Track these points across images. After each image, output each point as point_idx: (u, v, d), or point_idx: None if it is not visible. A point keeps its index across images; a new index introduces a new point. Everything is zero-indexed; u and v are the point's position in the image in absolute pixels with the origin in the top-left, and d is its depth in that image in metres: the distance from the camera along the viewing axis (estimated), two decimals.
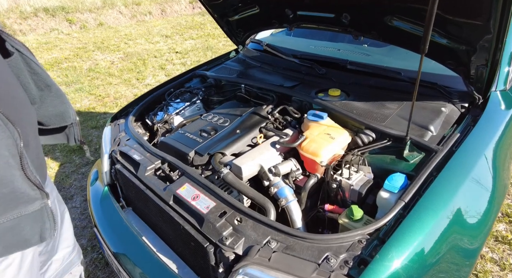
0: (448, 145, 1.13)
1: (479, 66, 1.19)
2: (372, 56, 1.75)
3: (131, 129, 1.57)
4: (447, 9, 1.06)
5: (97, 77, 4.57)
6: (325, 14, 1.55)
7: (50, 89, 0.84)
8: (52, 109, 0.85)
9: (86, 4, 9.77)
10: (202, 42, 6.14)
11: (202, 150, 1.33)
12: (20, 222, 0.69)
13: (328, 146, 1.20)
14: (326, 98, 1.51)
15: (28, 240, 0.73)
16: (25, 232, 0.71)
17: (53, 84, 0.85)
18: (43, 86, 0.82)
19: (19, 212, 0.69)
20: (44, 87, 0.83)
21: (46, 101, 0.84)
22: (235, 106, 1.68)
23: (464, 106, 1.35)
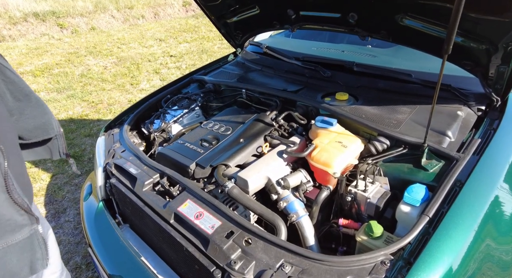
0: (470, 151, 1.05)
1: (499, 67, 1.12)
2: (379, 57, 1.67)
3: (126, 140, 1.47)
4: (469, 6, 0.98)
5: (89, 83, 4.45)
6: (330, 14, 1.46)
7: (29, 99, 0.74)
8: (33, 121, 0.76)
9: (77, 8, 9.63)
10: (197, 45, 6.05)
11: (204, 161, 1.24)
12: (7, 254, 0.60)
13: (340, 155, 1.11)
14: (334, 103, 1.43)
15: (17, 273, 0.63)
16: (13, 265, 0.61)
17: (31, 93, 0.75)
18: (21, 96, 0.73)
19: (4, 242, 0.59)
20: (22, 97, 0.73)
21: (25, 113, 0.74)
22: (237, 113, 1.59)
23: (481, 109, 1.28)
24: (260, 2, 1.69)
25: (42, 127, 0.79)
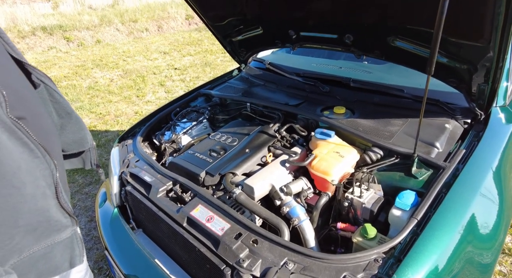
0: (455, 161, 1.16)
1: (480, 84, 1.24)
2: (374, 73, 1.80)
3: (140, 150, 1.58)
4: (450, 32, 1.11)
5: (97, 95, 4.60)
6: (328, 35, 1.60)
7: (70, 116, 0.86)
8: (72, 136, 0.87)
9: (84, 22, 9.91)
10: (200, 58, 6.23)
11: (213, 170, 1.35)
12: (53, 250, 0.70)
13: (338, 164, 1.22)
14: (332, 116, 1.54)
15: (59, 267, 0.73)
16: (57, 259, 0.72)
17: (72, 112, 0.87)
18: (64, 114, 0.85)
19: (52, 240, 0.69)
20: (65, 115, 0.85)
21: (66, 129, 0.86)
22: (242, 125, 1.71)
23: (467, 122, 1.39)
24: (264, 23, 1.83)
25: (79, 141, 0.90)
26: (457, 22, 1.06)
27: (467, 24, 1.06)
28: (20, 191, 0.60)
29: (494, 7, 0.92)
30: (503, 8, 0.90)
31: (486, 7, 0.94)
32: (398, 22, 1.27)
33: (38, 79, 0.76)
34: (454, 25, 1.09)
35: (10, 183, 0.58)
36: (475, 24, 1.02)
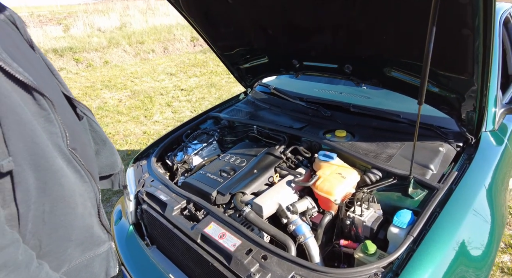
0: (448, 182, 1.26)
1: (468, 112, 1.36)
2: (372, 99, 1.93)
3: (154, 170, 1.70)
4: (438, 65, 1.25)
5: (106, 115, 4.76)
6: (329, 64, 1.74)
7: (105, 143, 0.98)
8: (105, 160, 0.99)
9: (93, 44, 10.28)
10: (205, 80, 6.45)
11: (224, 189, 1.45)
12: (93, 261, 0.80)
13: (340, 185, 1.32)
14: (334, 139, 1.66)
15: (97, 276, 0.83)
16: (96, 270, 0.81)
17: (107, 139, 0.99)
18: (99, 141, 0.96)
19: (93, 253, 0.79)
20: (100, 142, 0.97)
21: (101, 154, 0.97)
22: (249, 147, 1.82)
23: (459, 145, 1.50)
24: (269, 53, 1.99)
25: (110, 165, 1.01)
26: (444, 57, 1.20)
27: (452, 59, 1.19)
28: (74, 211, 0.71)
29: (473, 47, 1.05)
30: (481, 48, 1.03)
31: (467, 46, 1.07)
32: (392, 56, 1.41)
33: (82, 112, 0.88)
34: (442, 60, 1.22)
35: (68, 204, 0.69)
36: (459, 60, 1.15)
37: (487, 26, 0.95)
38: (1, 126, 0.56)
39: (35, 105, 0.64)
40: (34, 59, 0.78)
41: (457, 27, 1.03)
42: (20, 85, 0.61)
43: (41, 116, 0.65)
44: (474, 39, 1.02)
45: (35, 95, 0.64)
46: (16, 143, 0.58)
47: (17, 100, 0.59)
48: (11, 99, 0.58)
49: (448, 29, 1.05)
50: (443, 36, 1.07)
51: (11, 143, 0.57)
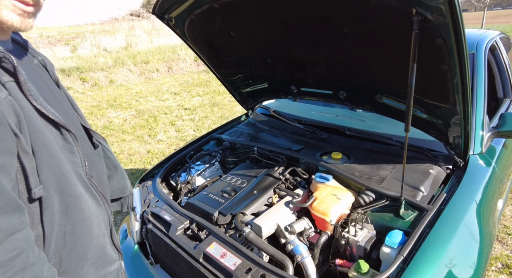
0: (437, 203, 1.33)
1: (455, 137, 1.45)
2: (366, 122, 2.02)
3: (159, 191, 1.78)
4: (423, 95, 1.35)
5: (111, 134, 4.89)
6: (324, 91, 1.86)
7: (117, 169, 1.07)
8: (116, 185, 1.08)
9: (99, 64, 10.59)
10: (208, 99, 6.62)
11: (225, 210, 1.52)
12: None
13: (335, 206, 1.40)
14: (330, 161, 1.75)
15: None
16: None
17: (119, 165, 1.08)
18: (112, 167, 1.06)
19: (105, 271, 0.87)
20: (112, 168, 1.06)
21: (113, 179, 1.06)
22: (250, 168, 1.91)
23: (449, 168, 1.58)
24: (268, 79, 2.11)
25: (121, 189, 1.10)
26: (428, 88, 1.30)
27: (435, 90, 1.30)
28: (91, 231, 0.79)
29: (452, 80, 1.16)
30: (459, 81, 1.14)
31: (446, 79, 1.18)
32: (382, 85, 1.52)
33: (97, 141, 0.98)
34: (426, 90, 1.33)
35: (86, 225, 0.77)
36: (441, 90, 1.26)
37: (461, 62, 1.05)
38: (36, 158, 0.65)
39: (62, 139, 0.74)
40: (60, 96, 0.89)
41: (436, 63, 1.14)
42: (51, 123, 0.72)
43: (66, 149, 0.75)
44: (452, 73, 1.13)
45: (62, 131, 0.74)
46: (46, 172, 0.67)
47: (48, 136, 0.69)
48: (44, 135, 0.67)
49: (429, 64, 1.16)
50: (425, 70, 1.18)
51: (42, 173, 0.67)
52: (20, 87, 0.66)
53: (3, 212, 0.56)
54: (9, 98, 0.62)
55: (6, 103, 0.61)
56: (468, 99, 1.20)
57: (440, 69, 1.15)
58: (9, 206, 0.57)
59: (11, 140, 0.60)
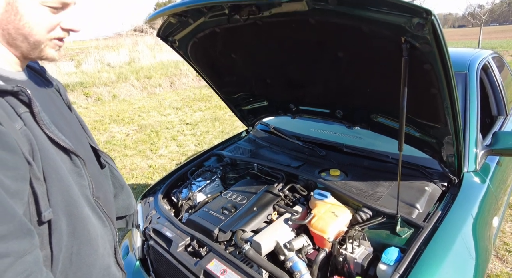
0: (432, 221, 1.36)
1: (448, 155, 1.49)
2: (364, 139, 2.07)
3: (161, 208, 1.81)
4: (416, 115, 1.41)
5: (113, 149, 4.94)
6: (322, 109, 1.92)
7: (123, 187, 1.12)
8: (122, 203, 1.12)
9: (102, 79, 10.78)
10: (210, 114, 6.71)
11: (225, 227, 1.56)
12: None
13: (333, 223, 1.43)
14: (328, 178, 1.79)
15: None
16: None
17: (125, 184, 1.13)
18: (118, 186, 1.10)
19: None
20: (118, 186, 1.10)
21: (119, 197, 1.10)
22: (250, 184, 1.95)
23: (444, 185, 1.62)
24: (268, 97, 2.18)
25: (126, 207, 1.14)
26: (420, 109, 1.36)
27: (427, 111, 1.36)
28: (96, 252, 0.83)
29: (442, 102, 1.21)
30: (448, 103, 1.19)
31: (436, 101, 1.23)
32: (377, 105, 1.58)
33: (104, 161, 1.03)
34: (418, 111, 1.38)
35: (92, 246, 0.81)
36: (432, 111, 1.31)
37: (449, 86, 1.11)
38: (46, 183, 0.70)
39: (71, 163, 0.79)
40: (71, 119, 0.95)
41: (426, 87, 1.20)
42: (62, 149, 0.77)
43: (75, 172, 0.80)
44: (441, 96, 1.19)
45: (71, 156, 0.79)
46: (56, 196, 0.72)
47: (59, 162, 0.74)
48: (55, 162, 0.73)
49: (419, 87, 1.22)
50: (417, 93, 1.24)
51: (52, 197, 0.71)
52: (34, 117, 0.71)
53: (15, 237, 0.60)
54: (24, 129, 0.67)
55: (21, 133, 0.66)
56: (458, 121, 1.26)
57: (430, 92, 1.21)
58: (20, 231, 0.61)
59: (24, 167, 0.64)
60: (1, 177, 0.59)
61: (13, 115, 0.67)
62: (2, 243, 0.57)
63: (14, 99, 0.69)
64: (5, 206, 0.58)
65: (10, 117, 0.66)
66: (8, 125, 0.63)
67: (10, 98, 0.68)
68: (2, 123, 0.61)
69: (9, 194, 0.60)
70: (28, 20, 0.72)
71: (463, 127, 1.79)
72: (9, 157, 0.61)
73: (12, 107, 0.68)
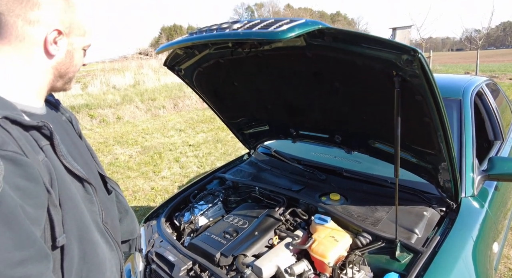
0: (431, 246, 1.38)
1: (445, 181, 1.53)
2: (363, 163, 2.12)
3: (164, 231, 1.84)
4: (411, 142, 1.46)
5: (117, 171, 4.99)
6: (321, 134, 1.98)
7: (127, 212, 1.16)
8: (126, 227, 1.16)
9: (107, 101, 11.00)
10: (212, 135, 6.80)
11: (227, 251, 1.57)
12: None
13: (333, 248, 1.45)
14: (329, 202, 1.82)
15: None
16: None
17: (129, 209, 1.17)
18: (123, 211, 1.15)
19: None
20: (123, 211, 1.15)
21: (123, 222, 1.14)
22: (251, 208, 1.97)
23: (443, 210, 1.64)
24: (269, 122, 2.25)
25: (130, 231, 1.18)
26: (415, 136, 1.42)
27: (422, 137, 1.41)
28: (104, 275, 0.86)
29: (435, 130, 1.27)
30: (441, 131, 1.25)
31: (429, 129, 1.29)
32: (373, 132, 1.64)
33: (111, 187, 1.08)
34: (414, 138, 1.44)
35: (100, 269, 0.85)
36: (426, 139, 1.37)
37: (441, 116, 1.17)
38: (62, 210, 0.75)
39: (84, 191, 0.85)
40: (82, 148, 1.01)
41: (419, 116, 1.26)
42: (76, 178, 0.83)
43: (87, 199, 0.85)
44: (434, 124, 1.25)
45: (84, 184, 0.85)
46: (69, 222, 0.77)
47: (73, 190, 0.79)
48: (70, 190, 0.78)
49: (413, 116, 1.28)
50: (410, 121, 1.30)
51: (66, 223, 0.76)
52: (54, 148, 0.78)
53: (34, 261, 0.64)
54: (45, 160, 0.73)
55: (42, 164, 0.72)
56: (452, 148, 1.31)
57: (423, 121, 1.27)
58: (39, 255, 0.66)
59: (44, 195, 0.70)
60: (24, 205, 0.64)
61: (36, 148, 0.73)
62: (23, 267, 0.62)
63: (37, 133, 0.76)
64: (27, 232, 0.63)
65: (34, 149, 0.72)
66: (32, 157, 0.69)
67: (34, 132, 0.75)
68: (28, 156, 0.67)
69: (30, 221, 0.65)
70: (76, 61, 0.90)
71: (459, 152, 1.84)
72: (32, 187, 0.66)
73: (35, 140, 0.74)
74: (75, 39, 0.86)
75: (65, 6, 0.83)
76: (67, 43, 0.85)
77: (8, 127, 0.68)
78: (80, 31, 0.87)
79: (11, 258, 0.59)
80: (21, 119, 0.71)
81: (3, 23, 0.76)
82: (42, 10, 0.78)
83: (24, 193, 0.65)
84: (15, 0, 0.76)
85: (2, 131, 0.66)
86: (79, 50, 0.89)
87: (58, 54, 0.84)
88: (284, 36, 0.94)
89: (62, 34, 0.83)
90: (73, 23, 0.85)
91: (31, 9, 0.77)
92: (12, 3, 0.76)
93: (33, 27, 0.78)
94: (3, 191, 0.59)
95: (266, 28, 1.00)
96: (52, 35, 0.80)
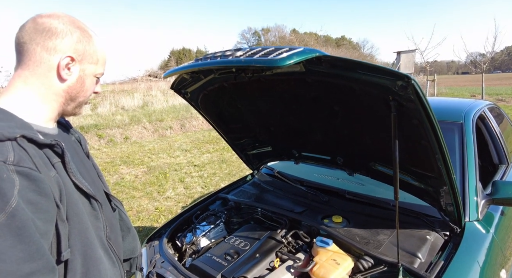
0: (435, 271, 1.36)
1: (447, 204, 1.53)
2: (366, 186, 2.11)
3: (165, 252, 1.84)
4: (412, 165, 1.47)
5: (122, 191, 5.02)
6: (323, 156, 2.00)
7: (129, 230, 1.18)
8: (128, 246, 1.17)
9: (116, 121, 11.22)
10: (217, 156, 6.84)
11: (228, 273, 1.56)
12: None
13: (335, 271, 1.43)
14: (331, 224, 1.81)
15: None
16: None
17: (131, 227, 1.19)
18: (125, 229, 1.17)
19: None
20: (125, 229, 1.17)
21: (125, 240, 1.16)
22: (253, 229, 1.97)
23: (446, 234, 1.62)
24: (272, 143, 2.29)
25: (131, 250, 1.19)
26: (414, 159, 1.43)
27: (421, 160, 1.43)
28: None
29: (433, 153, 1.29)
30: (439, 155, 1.27)
31: (428, 152, 1.31)
32: (374, 154, 1.66)
33: (115, 205, 1.11)
34: (413, 161, 1.46)
35: None
36: (426, 162, 1.38)
37: (438, 139, 1.20)
38: (69, 225, 0.78)
39: (90, 207, 0.88)
40: (89, 167, 1.05)
41: (417, 139, 1.29)
42: (83, 194, 0.86)
43: (93, 215, 0.88)
44: (432, 148, 1.27)
45: (91, 200, 0.88)
46: (75, 237, 0.80)
47: (80, 206, 0.83)
48: (78, 206, 0.82)
49: (411, 139, 1.31)
50: (409, 144, 1.32)
51: (71, 238, 0.79)
52: (64, 166, 0.82)
53: (42, 273, 0.67)
54: (56, 176, 0.78)
55: (54, 180, 0.76)
56: (451, 171, 1.32)
57: (421, 144, 1.30)
58: (47, 268, 0.68)
59: (54, 210, 0.74)
60: (35, 218, 0.68)
61: (48, 164, 0.78)
62: None
63: (50, 151, 0.81)
64: (38, 245, 0.67)
65: (47, 166, 0.77)
66: (44, 173, 0.73)
67: (47, 150, 0.80)
68: (41, 172, 0.72)
69: (40, 234, 0.68)
70: (87, 87, 0.95)
71: (461, 175, 1.83)
72: (43, 201, 0.70)
73: (47, 158, 0.79)
74: (87, 66, 0.93)
75: (80, 36, 0.90)
76: (79, 69, 0.92)
77: (25, 145, 0.73)
78: (92, 59, 0.94)
79: (21, 270, 0.62)
80: (36, 138, 0.77)
81: (25, 50, 0.85)
82: (59, 40, 0.86)
83: (36, 207, 0.68)
84: (37, 31, 0.85)
85: (19, 149, 0.71)
86: (90, 76, 0.95)
87: (70, 78, 0.90)
88: (283, 64, 0.99)
89: (75, 61, 0.90)
90: (86, 51, 0.92)
91: (50, 38, 0.85)
92: (34, 33, 0.85)
93: (49, 54, 0.86)
94: (17, 204, 0.63)
95: (267, 56, 1.06)
96: (65, 61, 0.88)
